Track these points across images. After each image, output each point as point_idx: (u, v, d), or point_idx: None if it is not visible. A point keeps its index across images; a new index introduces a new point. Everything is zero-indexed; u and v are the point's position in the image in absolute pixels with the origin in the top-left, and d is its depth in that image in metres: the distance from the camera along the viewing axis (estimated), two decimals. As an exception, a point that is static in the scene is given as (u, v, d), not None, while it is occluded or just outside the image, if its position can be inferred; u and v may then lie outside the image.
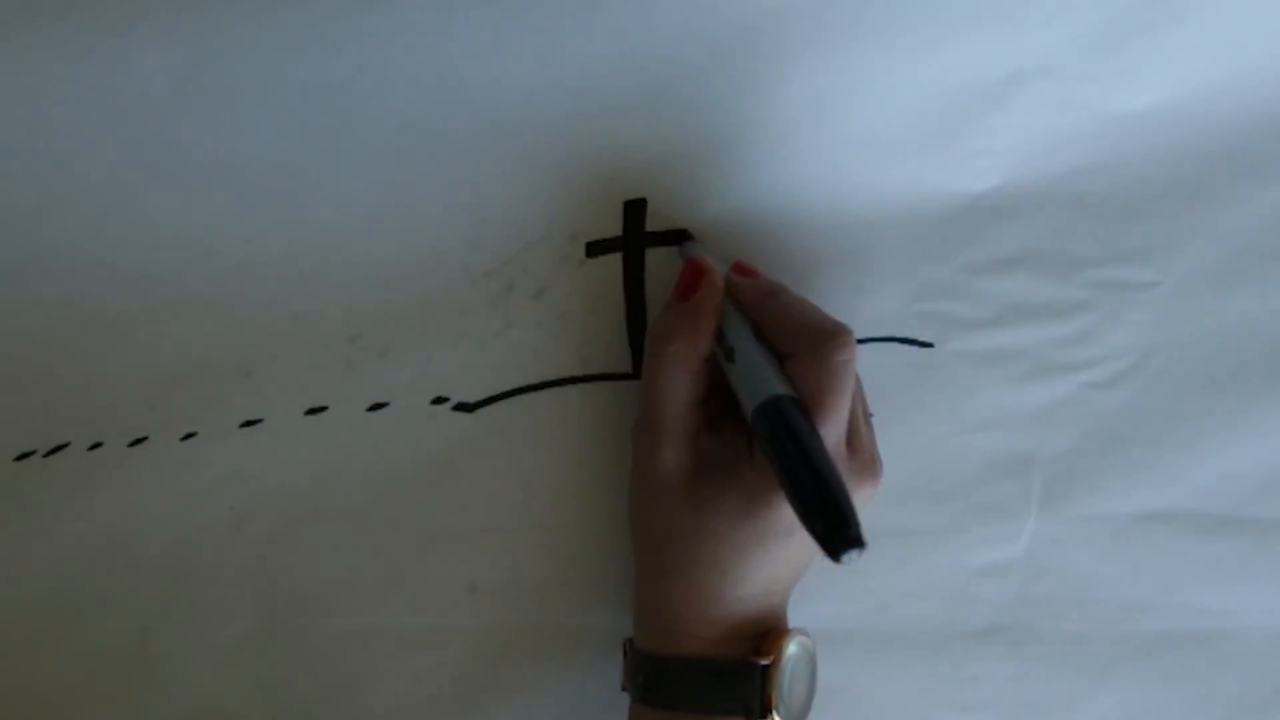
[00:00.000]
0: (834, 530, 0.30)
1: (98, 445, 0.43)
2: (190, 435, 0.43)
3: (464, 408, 0.43)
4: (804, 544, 0.37)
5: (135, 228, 0.42)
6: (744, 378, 0.36)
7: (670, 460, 0.37)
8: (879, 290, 0.42)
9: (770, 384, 0.34)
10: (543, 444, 0.42)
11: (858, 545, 0.30)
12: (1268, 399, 0.41)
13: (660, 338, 0.37)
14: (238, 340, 0.43)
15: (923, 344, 0.42)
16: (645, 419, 0.38)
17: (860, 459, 0.37)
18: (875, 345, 0.42)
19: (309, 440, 0.43)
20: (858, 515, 0.31)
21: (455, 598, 0.43)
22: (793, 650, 0.37)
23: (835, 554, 0.30)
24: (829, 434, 0.35)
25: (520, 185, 0.42)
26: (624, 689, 0.39)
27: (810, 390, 0.35)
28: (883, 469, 0.38)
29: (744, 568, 0.36)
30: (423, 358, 0.43)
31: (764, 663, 0.36)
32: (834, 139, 0.41)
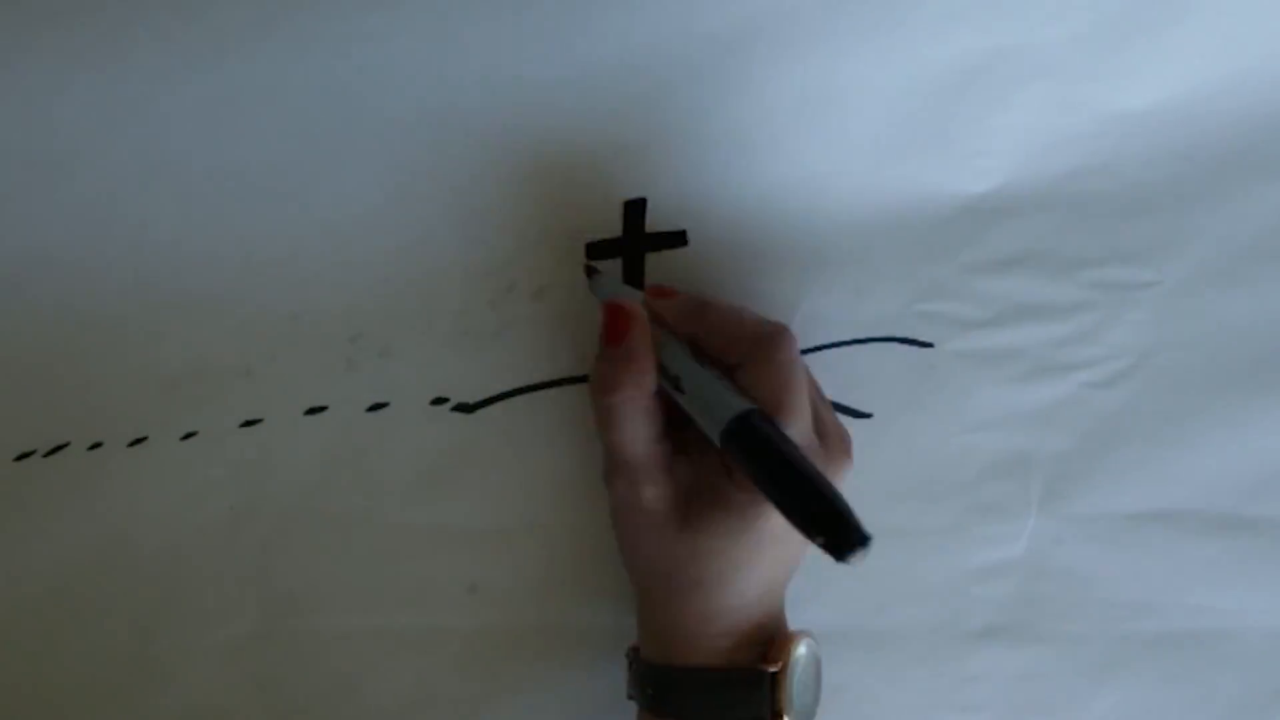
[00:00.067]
0: (839, 536, 0.30)
1: (98, 445, 0.43)
2: (190, 435, 0.43)
3: (464, 408, 0.43)
4: (795, 541, 0.37)
5: (135, 228, 0.42)
6: (698, 404, 0.35)
7: (652, 497, 0.36)
8: (879, 290, 0.42)
9: (728, 404, 0.34)
10: (543, 444, 0.42)
11: (864, 545, 0.30)
12: (1268, 399, 0.41)
13: (603, 389, 0.36)
14: (238, 340, 0.43)
15: (923, 344, 0.42)
16: (613, 467, 0.37)
17: (831, 442, 0.37)
18: (875, 345, 0.42)
19: (309, 440, 0.43)
20: (855, 512, 0.31)
21: (455, 598, 0.43)
22: (800, 653, 0.37)
23: (844, 557, 0.30)
24: (798, 432, 0.35)
25: (520, 185, 0.42)
26: (630, 697, 0.39)
27: (767, 394, 0.35)
28: (851, 440, 0.38)
29: (744, 577, 0.36)
30: (423, 358, 0.43)
31: (773, 669, 0.36)
32: (834, 139, 0.41)
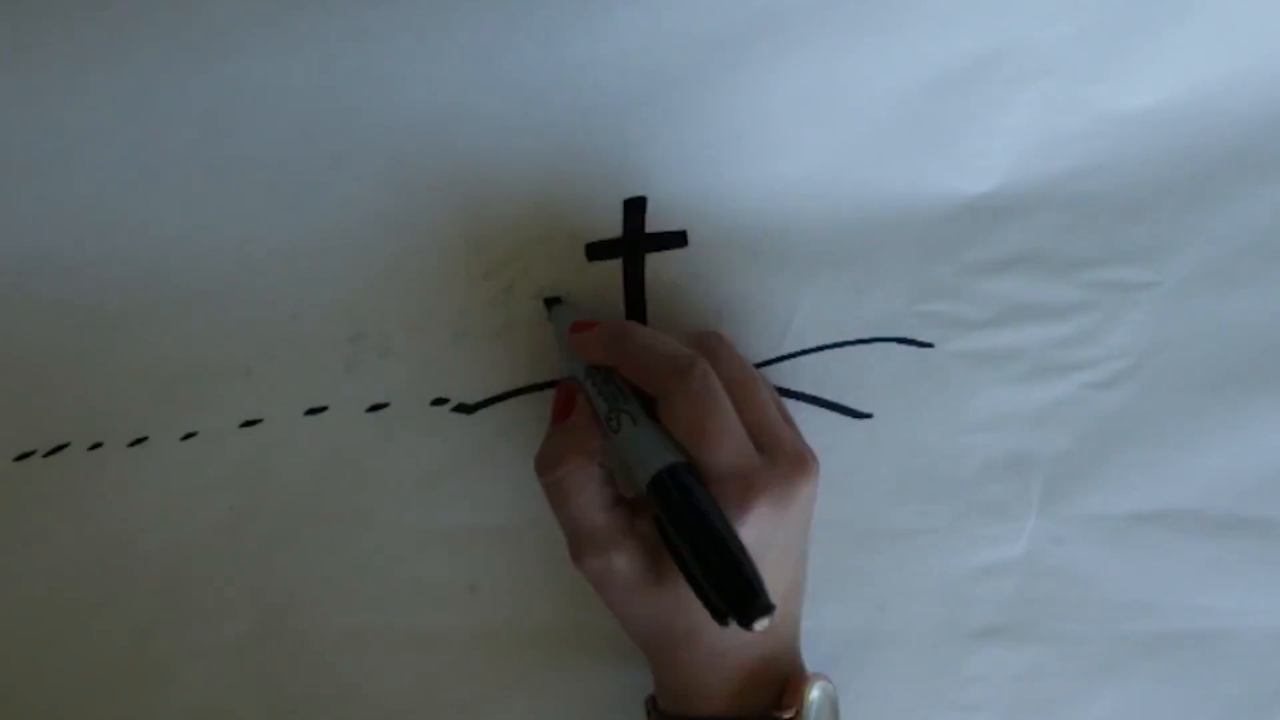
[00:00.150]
0: (744, 603, 0.30)
1: (98, 445, 0.43)
2: (190, 435, 0.43)
3: (464, 408, 0.43)
4: (789, 565, 0.37)
5: (135, 228, 0.42)
6: (630, 455, 0.35)
7: (623, 564, 0.36)
8: (879, 290, 0.42)
9: (656, 455, 0.34)
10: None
11: (768, 611, 0.30)
12: (1268, 399, 0.41)
13: (548, 467, 0.36)
14: (238, 340, 0.43)
15: (923, 344, 0.42)
16: (577, 544, 0.36)
17: (778, 458, 0.35)
18: (875, 345, 0.42)
19: (309, 440, 0.43)
20: (760, 580, 0.31)
21: (455, 598, 0.43)
22: (814, 697, 0.36)
23: (747, 622, 0.30)
24: (725, 455, 0.34)
25: (520, 185, 0.42)
26: None
27: (686, 427, 0.34)
28: (816, 457, 0.37)
29: None
30: (423, 358, 0.43)
31: (787, 716, 0.36)
32: (834, 139, 0.41)
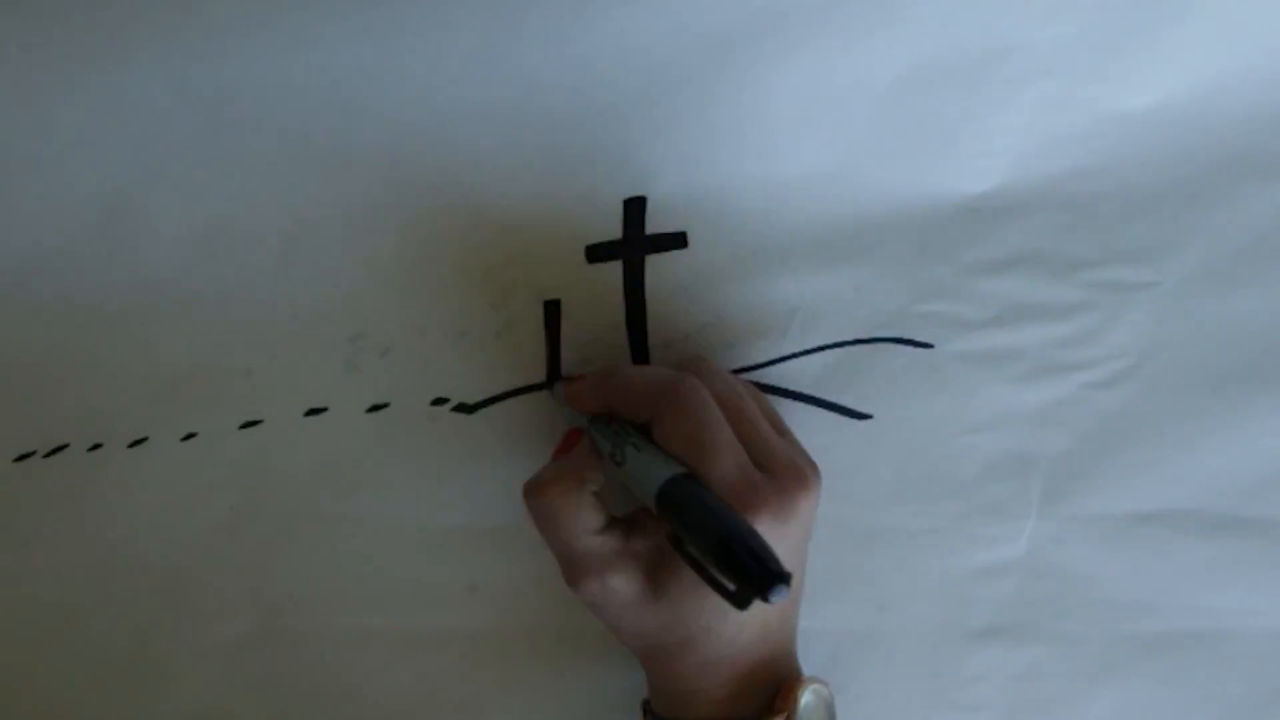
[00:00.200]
0: (759, 572, 0.29)
1: (98, 445, 0.43)
2: (190, 435, 0.43)
3: (464, 408, 0.43)
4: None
5: (135, 228, 0.42)
6: (636, 481, 0.35)
7: (620, 584, 0.36)
8: (879, 290, 0.42)
9: (657, 472, 0.34)
10: (543, 444, 0.42)
11: (784, 580, 0.29)
12: (1268, 399, 0.41)
13: (538, 490, 0.36)
14: (238, 340, 0.43)
15: (923, 344, 0.42)
16: (571, 569, 0.36)
17: (776, 472, 0.35)
18: (875, 345, 0.42)
19: (309, 440, 0.43)
20: (772, 550, 0.30)
21: (455, 598, 0.43)
22: (807, 701, 0.36)
23: (765, 594, 0.29)
24: (723, 470, 0.34)
25: (520, 185, 0.42)
26: None
27: (682, 442, 0.35)
28: (818, 470, 0.37)
29: (732, 624, 0.36)
30: (423, 358, 0.43)
31: (778, 719, 0.36)
32: (834, 139, 0.41)
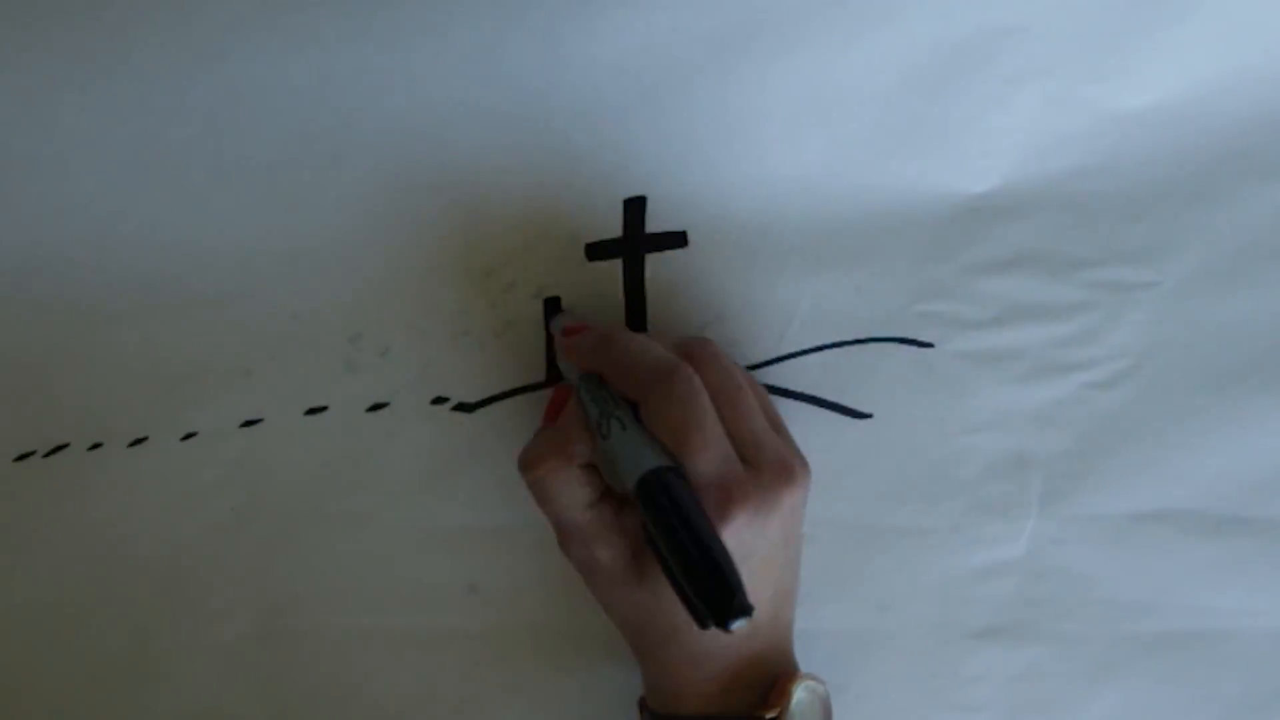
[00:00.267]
0: (722, 603, 0.30)
1: (98, 445, 0.43)
2: (190, 435, 0.43)
3: (464, 408, 0.43)
4: (775, 568, 0.36)
5: (135, 228, 0.42)
6: (619, 459, 0.35)
7: (606, 558, 0.36)
8: (879, 290, 0.42)
9: (642, 459, 0.34)
10: (543, 444, 0.42)
11: (746, 613, 0.29)
12: (1268, 399, 0.41)
13: (527, 466, 0.36)
14: (238, 340, 0.43)
15: (923, 344, 0.42)
16: (561, 534, 0.37)
17: (761, 467, 0.35)
18: (875, 345, 0.42)
19: (309, 440, 0.43)
20: (740, 582, 0.30)
21: (455, 598, 0.43)
22: (800, 697, 0.36)
23: (724, 623, 0.29)
24: (706, 462, 0.34)
25: (520, 185, 0.42)
26: None
27: (669, 431, 0.34)
28: (807, 465, 0.37)
29: None
30: (423, 358, 0.43)
31: (770, 716, 0.36)
32: (834, 139, 0.41)
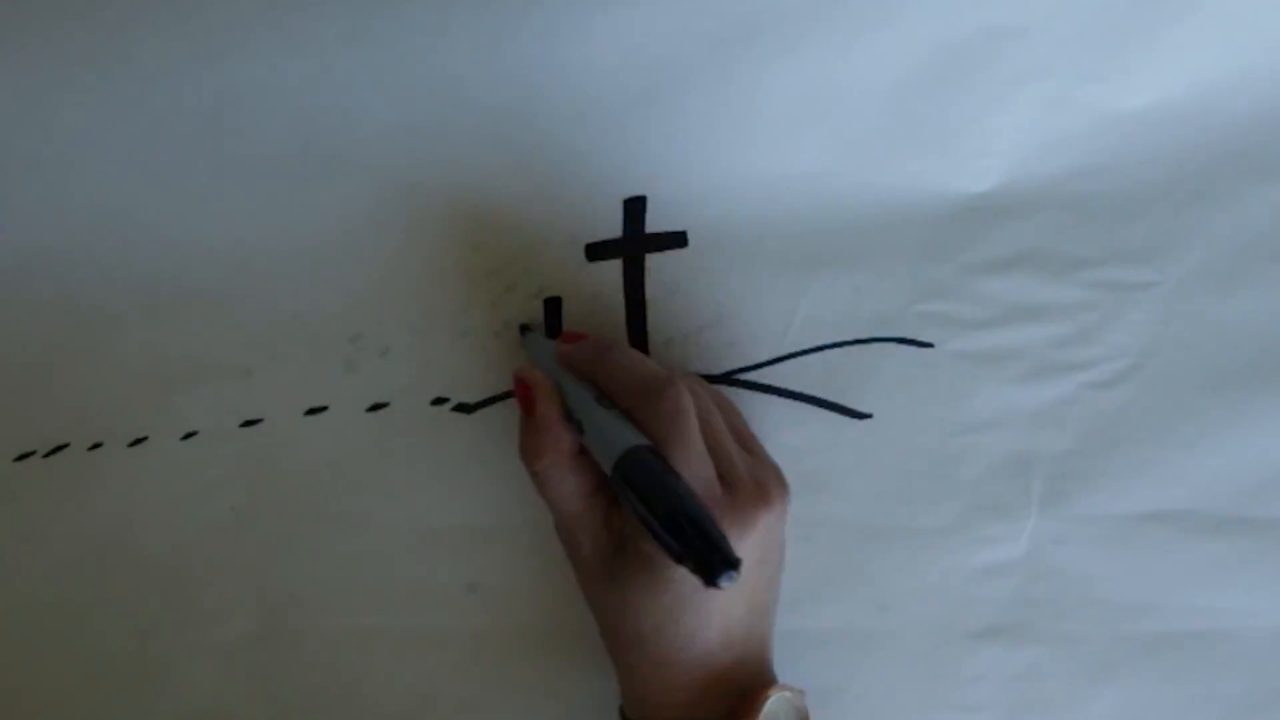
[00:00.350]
0: (707, 558, 0.30)
1: (98, 445, 0.43)
2: (190, 435, 0.43)
3: (464, 408, 0.43)
4: (742, 596, 0.36)
5: (135, 228, 0.42)
6: (596, 444, 0.35)
7: (589, 549, 0.37)
8: (879, 290, 0.42)
9: (620, 439, 0.34)
10: (543, 444, 0.42)
11: (733, 567, 0.29)
12: (1268, 399, 0.41)
13: (527, 458, 0.37)
14: (238, 340, 0.43)
15: (923, 344, 0.42)
16: (557, 522, 0.38)
17: (739, 488, 0.35)
18: (875, 345, 0.42)
19: (309, 440, 0.43)
20: (724, 535, 0.30)
21: (455, 598, 0.43)
22: (771, 707, 0.36)
23: (712, 579, 0.29)
24: (688, 479, 0.34)
25: (520, 185, 0.42)
26: None
27: (655, 443, 0.34)
28: (784, 486, 0.37)
29: (685, 629, 0.35)
30: (423, 358, 0.43)
31: None
32: (834, 139, 0.41)
